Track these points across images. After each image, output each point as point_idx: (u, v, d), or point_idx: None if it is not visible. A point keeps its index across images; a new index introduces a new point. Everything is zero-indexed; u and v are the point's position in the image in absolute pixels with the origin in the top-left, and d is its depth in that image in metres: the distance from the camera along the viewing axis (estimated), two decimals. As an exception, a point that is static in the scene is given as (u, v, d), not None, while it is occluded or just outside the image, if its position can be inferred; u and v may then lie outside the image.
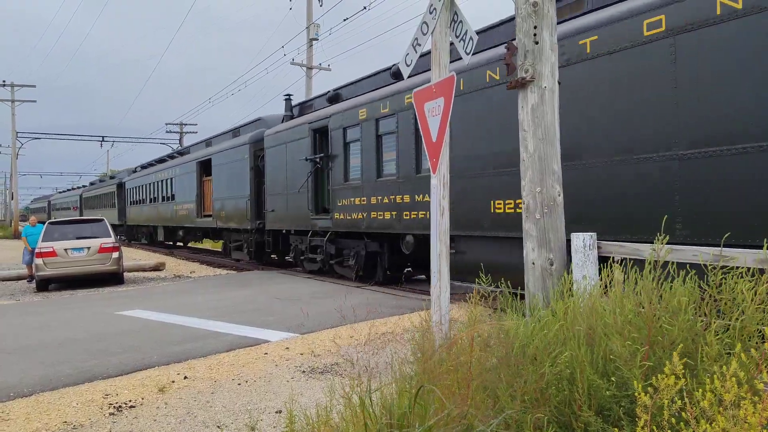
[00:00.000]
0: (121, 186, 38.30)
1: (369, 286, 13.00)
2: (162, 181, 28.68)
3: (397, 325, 8.27)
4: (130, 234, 37.59)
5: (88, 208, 49.28)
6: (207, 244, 32.07)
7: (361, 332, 7.95)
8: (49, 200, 73.34)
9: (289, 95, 17.60)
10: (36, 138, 49.69)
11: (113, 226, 39.52)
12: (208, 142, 24.32)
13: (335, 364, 6.62)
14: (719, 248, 3.52)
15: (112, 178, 44.60)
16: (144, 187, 32.38)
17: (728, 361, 2.62)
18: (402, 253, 12.26)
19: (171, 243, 32.37)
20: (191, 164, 24.45)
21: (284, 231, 17.09)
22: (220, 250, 26.43)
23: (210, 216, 22.08)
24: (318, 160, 14.60)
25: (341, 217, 13.58)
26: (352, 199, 13.21)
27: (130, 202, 35.80)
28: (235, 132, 21.31)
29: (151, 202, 30.84)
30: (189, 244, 32.66)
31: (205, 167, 23.17)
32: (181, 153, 28.60)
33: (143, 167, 35.28)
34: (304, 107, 16.94)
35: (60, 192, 73.27)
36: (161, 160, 31.59)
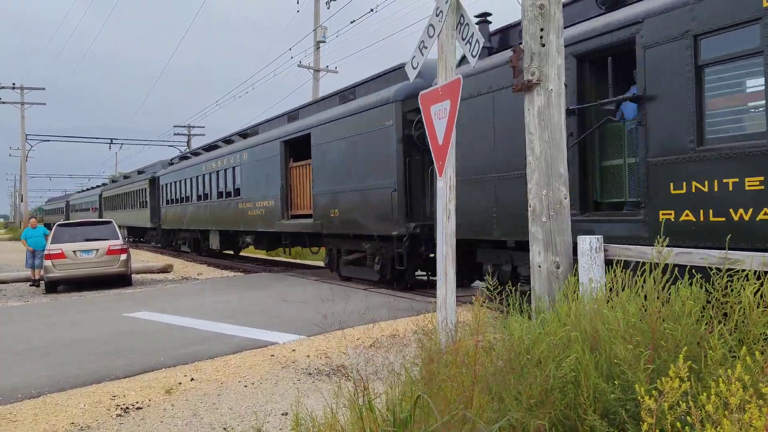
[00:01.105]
0: (154, 182, 31.29)
1: (377, 288, 12.99)
2: (217, 172, 21.76)
3: (405, 328, 8.27)
4: (167, 239, 30.85)
5: (110, 209, 42.98)
6: (282, 255, 24.64)
7: (368, 334, 7.96)
8: (67, 200, 66.07)
9: (486, 14, 10.29)
10: (45, 140, 50.03)
11: (144, 229, 35.33)
12: (292, 115, 17.36)
13: (341, 366, 6.63)
14: (725, 251, 3.51)
15: (141, 173, 36.61)
16: (188, 181, 25.26)
17: (733, 365, 2.62)
18: None
19: (228, 252, 25.29)
20: (272, 145, 17.17)
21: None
22: (320, 264, 18.68)
23: (308, 217, 15.30)
24: (614, 108, 7.86)
25: (685, 217, 6.64)
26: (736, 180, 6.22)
27: (167, 200, 28.55)
28: (345, 95, 14.51)
29: (199, 199, 23.82)
30: (240, 253, 25.13)
31: (295, 148, 16.46)
32: (244, 135, 20.93)
33: (183, 158, 28.63)
34: (513, 30, 9.83)
35: (79, 192, 66.67)
36: (212, 147, 24.51)
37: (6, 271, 20.92)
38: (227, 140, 22.68)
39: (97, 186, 56.52)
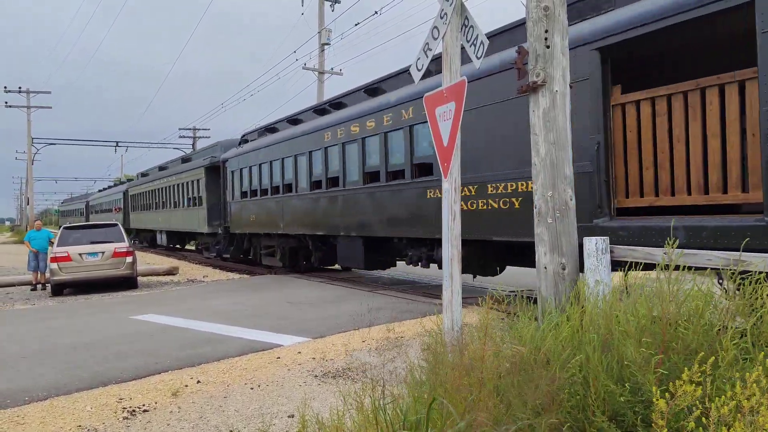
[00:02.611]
0: (215, 170, 22.41)
1: (383, 289, 12.99)
2: (362, 140, 13.11)
3: (410, 329, 8.26)
4: (238, 249, 21.24)
5: (140, 209, 35.29)
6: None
7: (373, 336, 7.96)
8: (87, 201, 57.47)
9: None
10: (51, 143, 50.18)
11: (193, 235, 27.22)
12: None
13: (347, 368, 6.62)
14: (735, 252, 3.49)
15: (186, 161, 27.77)
16: (287, 162, 16.61)
17: (744, 367, 2.60)
18: None
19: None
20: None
21: None
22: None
23: (727, 209, 6.50)
24: None
25: None
26: None
27: (242, 193, 19.61)
28: None
29: (315, 187, 15.18)
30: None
31: (625, 65, 8.07)
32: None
33: (270, 130, 18.78)
34: None
35: (100, 190, 58.18)
36: (335, 104, 15.26)
37: (12, 274, 20.99)
38: (372, 88, 13.50)
39: (121, 182, 48.77)
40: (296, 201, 16.17)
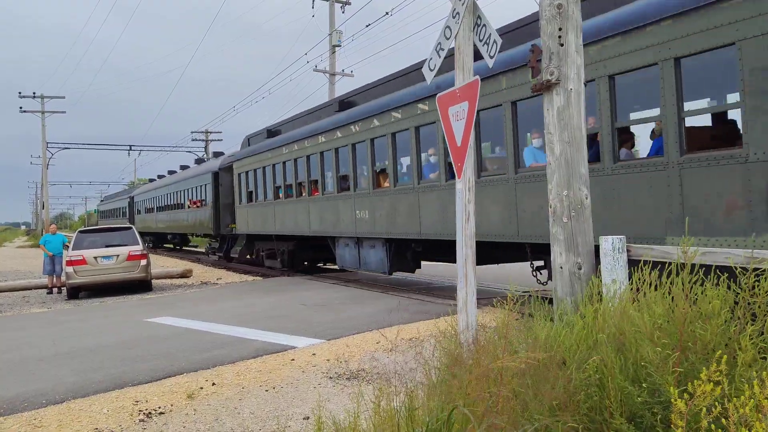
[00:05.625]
0: None
1: (395, 291, 12.97)
2: None
3: (424, 331, 8.24)
4: None
5: (264, 199, 18.93)
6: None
7: (388, 337, 7.93)
8: (131, 196, 45.32)
9: None
10: (65, 148, 50.56)
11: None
12: None
13: (362, 370, 6.61)
14: (751, 250, 3.44)
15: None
16: None
17: (763, 366, 2.56)
18: None
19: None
20: None
21: None
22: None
23: None
24: None
25: None
26: None
27: None
28: None
29: None
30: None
31: None
32: None
33: None
34: None
35: (151, 180, 46.57)
36: None
37: (29, 277, 21.18)
38: None
39: (200, 160, 31.48)
40: None
